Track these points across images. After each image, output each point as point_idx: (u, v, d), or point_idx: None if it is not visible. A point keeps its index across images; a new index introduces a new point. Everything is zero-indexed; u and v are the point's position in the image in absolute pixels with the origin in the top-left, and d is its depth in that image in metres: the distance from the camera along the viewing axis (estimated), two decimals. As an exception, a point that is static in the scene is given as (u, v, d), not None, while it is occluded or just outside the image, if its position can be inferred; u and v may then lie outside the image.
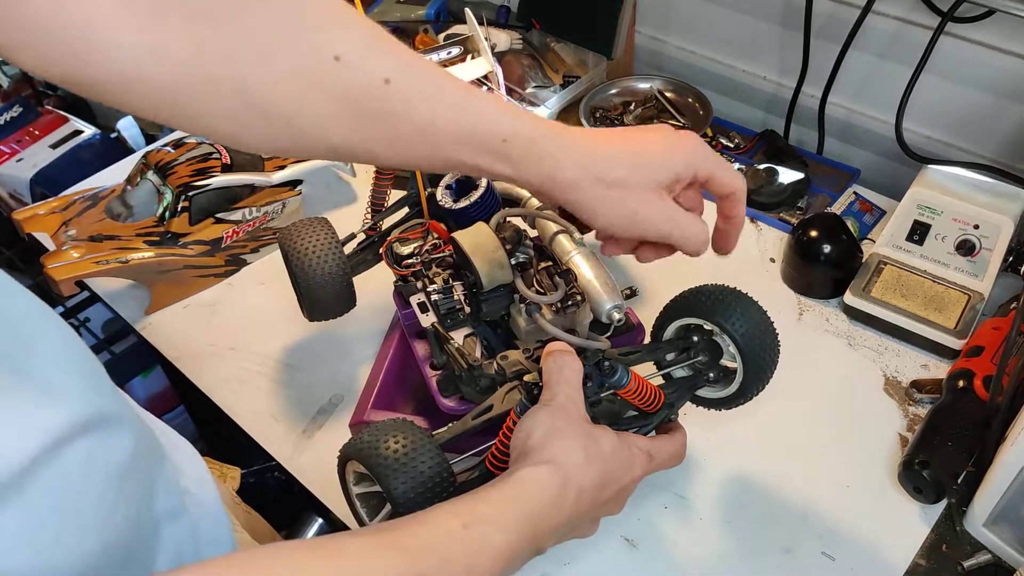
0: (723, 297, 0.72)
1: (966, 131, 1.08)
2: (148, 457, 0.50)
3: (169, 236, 1.04)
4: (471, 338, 0.78)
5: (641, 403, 0.70)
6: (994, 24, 0.97)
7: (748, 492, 0.83)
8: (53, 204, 1.09)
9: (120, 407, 0.47)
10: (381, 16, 1.42)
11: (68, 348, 0.44)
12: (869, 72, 1.13)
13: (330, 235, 0.87)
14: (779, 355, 0.74)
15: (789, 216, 1.11)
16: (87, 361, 0.46)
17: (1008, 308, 0.92)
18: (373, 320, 0.99)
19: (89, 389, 0.44)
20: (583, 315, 0.69)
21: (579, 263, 0.73)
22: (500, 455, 0.68)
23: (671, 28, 1.32)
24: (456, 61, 0.96)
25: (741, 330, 0.70)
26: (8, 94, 1.85)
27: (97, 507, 0.43)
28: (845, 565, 0.77)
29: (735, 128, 1.26)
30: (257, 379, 0.98)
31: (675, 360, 0.75)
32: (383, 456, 0.57)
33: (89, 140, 1.58)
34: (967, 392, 0.83)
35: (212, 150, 1.08)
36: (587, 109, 1.28)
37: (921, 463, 0.77)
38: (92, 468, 0.42)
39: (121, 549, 0.44)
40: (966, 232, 0.97)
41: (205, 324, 1.05)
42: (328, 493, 0.86)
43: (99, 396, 0.45)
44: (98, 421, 0.43)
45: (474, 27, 0.96)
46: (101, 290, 1.11)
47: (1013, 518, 0.74)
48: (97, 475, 0.43)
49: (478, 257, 0.71)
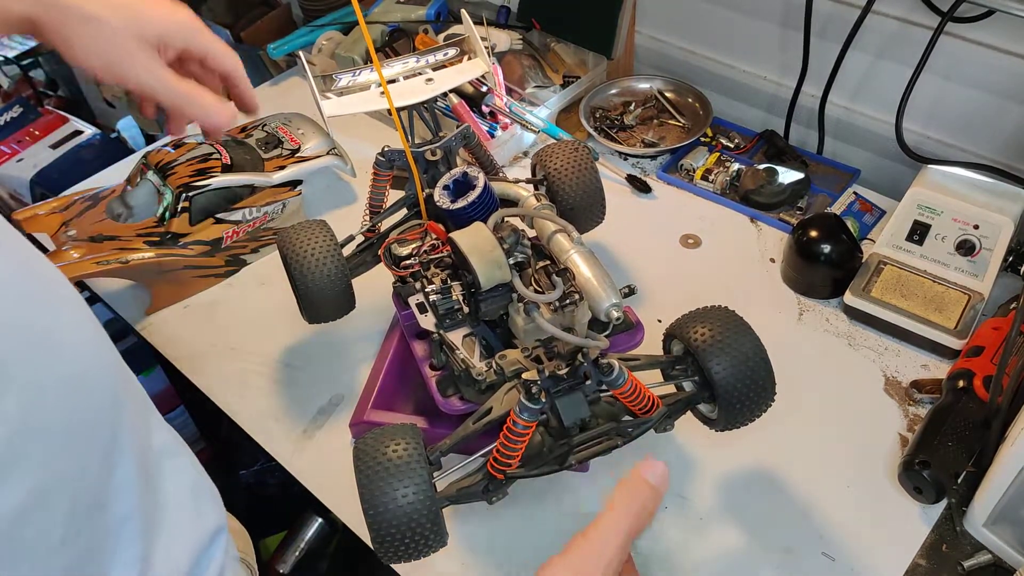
0: (714, 340, 0.70)
1: (966, 131, 1.08)
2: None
3: (169, 236, 1.04)
4: (470, 338, 0.78)
5: (634, 406, 0.71)
6: (994, 24, 0.97)
7: (748, 492, 0.83)
8: (53, 204, 1.09)
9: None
10: (381, 16, 1.42)
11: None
12: (869, 72, 1.13)
13: (329, 238, 0.87)
14: (766, 401, 0.73)
15: (789, 216, 1.11)
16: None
17: (1008, 308, 0.92)
18: (373, 320, 0.99)
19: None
20: (581, 314, 0.69)
21: (577, 262, 0.73)
22: (502, 457, 0.68)
23: (671, 28, 1.32)
24: (454, 62, 0.96)
25: (719, 378, 0.70)
26: (8, 94, 1.85)
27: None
28: (845, 565, 0.77)
29: (735, 128, 1.25)
30: (257, 379, 0.98)
31: (676, 374, 0.75)
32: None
33: (89, 140, 1.59)
34: (967, 392, 0.83)
35: (212, 150, 1.08)
36: (587, 109, 1.28)
37: (921, 463, 0.77)
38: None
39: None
40: (966, 232, 0.97)
41: (205, 324, 1.05)
42: (328, 493, 0.86)
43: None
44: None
45: (470, 28, 0.96)
46: (101, 290, 1.11)
47: (1013, 518, 0.74)
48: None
49: (476, 257, 0.71)
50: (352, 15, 1.47)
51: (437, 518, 0.65)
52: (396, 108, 0.86)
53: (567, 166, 0.92)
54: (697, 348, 0.70)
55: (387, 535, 0.64)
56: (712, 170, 1.17)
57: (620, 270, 1.07)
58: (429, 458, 0.67)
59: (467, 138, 0.90)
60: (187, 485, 0.49)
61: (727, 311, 0.74)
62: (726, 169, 1.16)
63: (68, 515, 0.38)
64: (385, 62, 0.96)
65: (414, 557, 0.67)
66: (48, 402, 0.37)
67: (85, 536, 0.39)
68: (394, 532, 0.64)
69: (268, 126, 1.19)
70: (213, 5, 1.68)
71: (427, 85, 0.92)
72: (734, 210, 1.14)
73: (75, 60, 0.62)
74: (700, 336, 0.71)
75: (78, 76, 1.82)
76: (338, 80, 0.94)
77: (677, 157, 1.21)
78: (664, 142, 1.24)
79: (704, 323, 0.72)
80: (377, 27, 1.40)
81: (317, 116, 1.10)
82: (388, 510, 0.63)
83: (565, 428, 0.69)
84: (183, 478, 0.49)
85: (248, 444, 0.93)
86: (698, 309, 0.75)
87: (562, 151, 0.93)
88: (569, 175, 0.91)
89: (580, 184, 0.92)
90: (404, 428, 0.68)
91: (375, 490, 0.64)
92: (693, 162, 1.19)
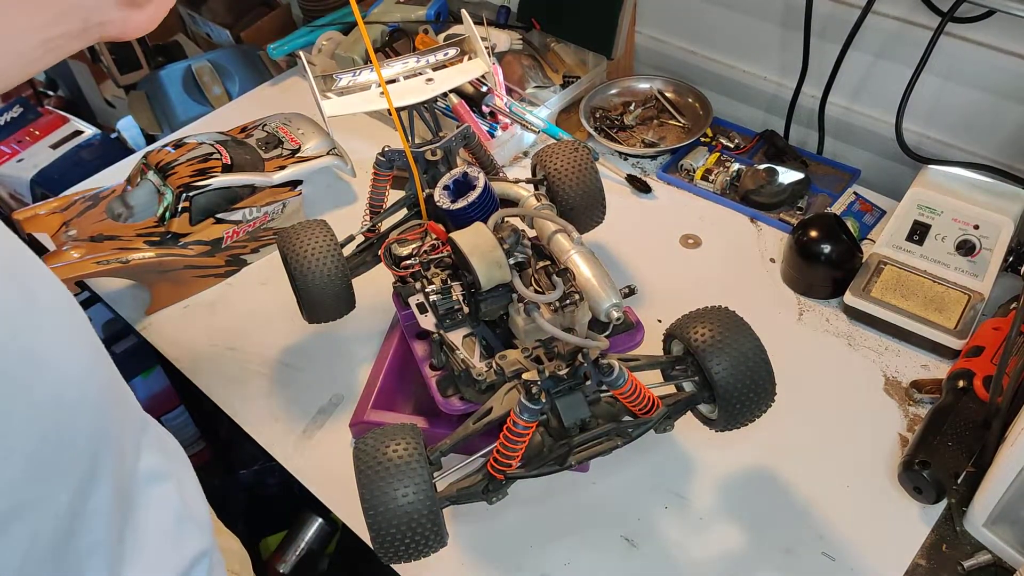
0: (714, 340, 0.71)
1: (966, 131, 1.08)
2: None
3: (169, 236, 1.04)
4: (470, 338, 0.78)
5: (634, 406, 0.71)
6: (994, 24, 0.97)
7: (748, 492, 0.83)
8: (53, 204, 1.09)
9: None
10: (381, 16, 1.42)
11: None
12: (869, 72, 1.13)
13: (329, 238, 0.87)
14: (766, 401, 0.73)
15: (789, 216, 1.11)
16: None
17: (1008, 308, 0.92)
18: (373, 320, 0.99)
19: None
20: (582, 314, 0.69)
21: (577, 262, 0.73)
22: (502, 457, 0.68)
23: (671, 28, 1.32)
24: (454, 62, 0.96)
25: (719, 378, 0.70)
26: (8, 94, 1.85)
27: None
28: (845, 565, 0.77)
29: (735, 128, 1.25)
30: (257, 379, 0.98)
31: (676, 374, 0.75)
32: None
33: (89, 140, 1.59)
34: (967, 392, 0.83)
35: (212, 150, 1.08)
36: (587, 109, 1.28)
37: (921, 463, 0.77)
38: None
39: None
40: (966, 232, 0.97)
41: (205, 324, 1.05)
42: (328, 493, 0.86)
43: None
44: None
45: (470, 28, 0.96)
46: (101, 290, 1.11)
47: (1013, 518, 0.74)
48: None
49: (476, 257, 0.71)
50: (352, 15, 1.47)
51: (437, 518, 0.65)
52: (396, 108, 0.86)
53: (567, 166, 0.92)
54: (697, 348, 0.70)
55: (387, 535, 0.64)
56: (712, 170, 1.17)
57: (620, 270, 1.07)
58: (429, 458, 0.67)
59: (467, 138, 0.90)
60: (170, 510, 0.48)
61: (727, 311, 0.74)
62: (726, 169, 1.16)
63: (29, 544, 0.36)
64: (385, 62, 0.96)
65: (414, 557, 0.67)
66: (14, 429, 0.34)
67: (48, 566, 0.38)
68: (394, 532, 0.64)
69: (268, 126, 1.19)
70: (213, 5, 1.68)
71: (427, 85, 0.92)
72: (734, 210, 1.14)
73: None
74: (700, 336, 0.71)
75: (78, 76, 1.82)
76: (338, 80, 0.94)
77: (677, 157, 1.21)
78: (664, 142, 1.24)
79: (704, 323, 0.72)
80: (377, 27, 1.40)
81: (317, 116, 1.10)
82: (388, 510, 0.63)
83: (565, 428, 0.69)
84: (167, 504, 0.48)
85: (248, 444, 0.93)
86: (698, 309, 0.75)
87: (562, 151, 0.93)
88: (569, 175, 0.91)
89: (580, 184, 0.92)
90: (404, 428, 0.68)
91: (375, 490, 0.64)
92: (693, 162, 1.19)
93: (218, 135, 1.14)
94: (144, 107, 1.55)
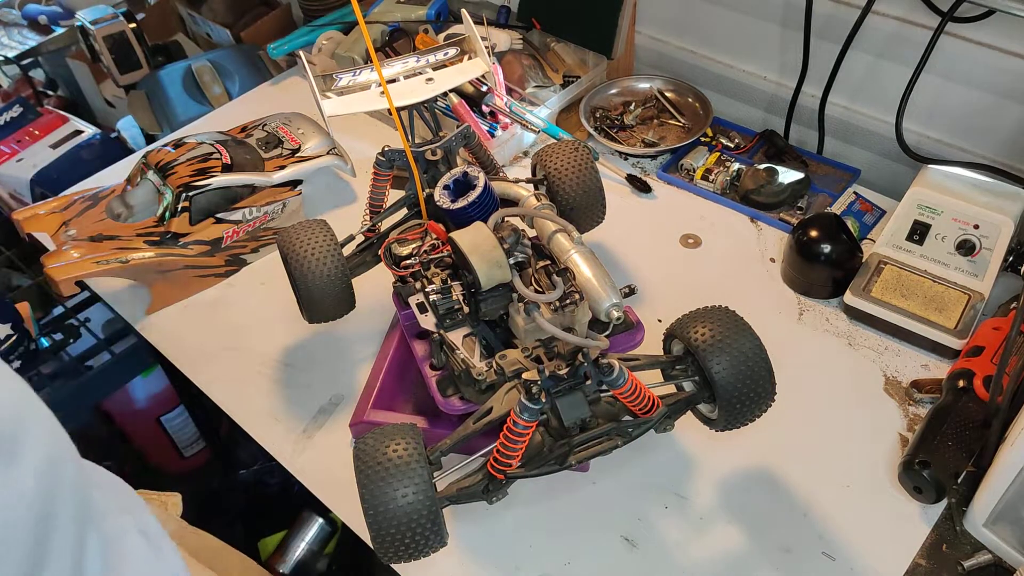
0: (714, 340, 0.71)
1: (966, 131, 1.08)
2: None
3: (169, 236, 1.04)
4: (470, 338, 0.78)
5: (634, 406, 0.71)
6: (994, 24, 0.97)
7: (748, 492, 0.83)
8: (53, 204, 1.09)
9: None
10: (381, 16, 1.42)
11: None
12: (869, 72, 1.13)
13: (328, 237, 0.87)
14: (766, 401, 0.73)
15: (789, 216, 1.11)
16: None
17: (1008, 308, 0.92)
18: (373, 320, 0.99)
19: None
20: (582, 313, 0.69)
21: (577, 262, 0.73)
22: (502, 457, 0.68)
23: (671, 28, 1.32)
24: (454, 61, 0.96)
25: (719, 378, 0.70)
26: (8, 94, 1.85)
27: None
28: (845, 565, 0.77)
29: (735, 128, 1.25)
30: (257, 379, 0.98)
31: (676, 374, 0.75)
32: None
33: (89, 140, 1.59)
34: (967, 392, 0.83)
35: (212, 150, 1.08)
36: (587, 109, 1.28)
37: (921, 463, 0.77)
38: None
39: None
40: (966, 232, 0.97)
41: (205, 324, 1.05)
42: (328, 493, 0.86)
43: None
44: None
45: (470, 28, 0.96)
46: (101, 290, 1.11)
47: (1013, 518, 0.74)
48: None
49: (476, 256, 0.71)
50: (352, 15, 1.47)
51: (437, 518, 0.65)
52: (396, 108, 0.86)
53: (567, 166, 0.92)
54: (697, 348, 0.70)
55: (387, 535, 0.64)
56: (712, 170, 1.17)
57: (620, 270, 1.07)
58: (429, 458, 0.67)
59: (467, 138, 0.90)
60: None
61: (727, 311, 0.74)
62: (726, 169, 1.16)
63: None
64: (385, 62, 0.96)
65: (414, 557, 0.67)
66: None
67: None
68: (394, 532, 0.64)
69: (268, 126, 1.19)
70: (213, 5, 1.68)
71: (427, 85, 0.92)
72: (734, 210, 1.14)
73: None
74: (700, 336, 0.71)
75: (78, 76, 1.82)
76: (338, 80, 0.94)
77: (677, 157, 1.21)
78: (664, 142, 1.24)
79: (704, 323, 0.72)
80: (377, 27, 1.40)
81: (317, 116, 1.10)
82: (388, 510, 0.63)
83: (565, 428, 0.69)
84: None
85: (248, 444, 0.93)
86: (698, 309, 0.75)
87: (562, 151, 0.93)
88: (569, 175, 0.91)
89: (580, 184, 0.92)
90: (404, 428, 0.68)
91: (375, 490, 0.64)
92: (693, 162, 1.19)
93: (218, 135, 1.14)
94: (144, 107, 1.55)
